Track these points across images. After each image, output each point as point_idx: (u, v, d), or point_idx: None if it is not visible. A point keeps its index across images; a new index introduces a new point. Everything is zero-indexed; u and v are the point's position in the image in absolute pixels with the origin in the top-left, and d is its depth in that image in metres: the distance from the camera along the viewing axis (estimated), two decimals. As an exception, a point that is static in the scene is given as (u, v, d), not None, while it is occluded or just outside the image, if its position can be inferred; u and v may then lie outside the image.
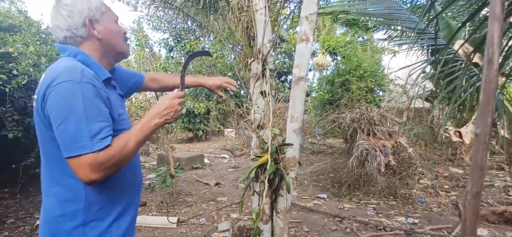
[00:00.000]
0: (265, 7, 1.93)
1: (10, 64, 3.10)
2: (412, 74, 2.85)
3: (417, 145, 5.42)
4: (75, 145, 0.84)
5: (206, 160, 7.33)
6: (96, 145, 0.85)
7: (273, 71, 2.04)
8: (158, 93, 4.06)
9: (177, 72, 6.76)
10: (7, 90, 3.06)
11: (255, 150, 2.00)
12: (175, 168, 4.56)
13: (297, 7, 5.48)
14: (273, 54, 2.08)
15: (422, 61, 2.97)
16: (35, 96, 0.94)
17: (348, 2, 4.15)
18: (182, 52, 8.78)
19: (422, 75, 3.92)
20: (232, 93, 8.48)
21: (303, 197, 4.62)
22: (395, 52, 6.08)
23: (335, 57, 10.39)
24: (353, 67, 7.30)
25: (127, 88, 1.35)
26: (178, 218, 3.55)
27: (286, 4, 4.37)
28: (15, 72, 3.12)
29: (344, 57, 8.60)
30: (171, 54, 9.62)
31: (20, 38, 3.29)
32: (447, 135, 4.21)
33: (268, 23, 1.90)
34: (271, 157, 1.82)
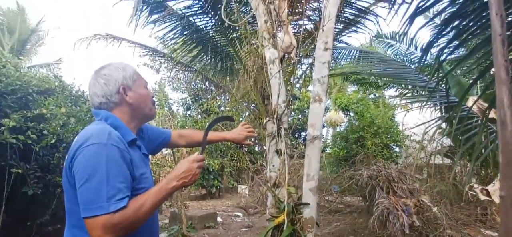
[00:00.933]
0: (279, 71, 2.06)
1: (42, 125, 3.32)
2: (428, 130, 2.85)
3: (441, 203, 5.13)
4: (93, 205, 0.88)
5: (219, 219, 7.12)
6: (112, 206, 0.88)
7: (288, 130, 2.10)
8: (175, 151, 4.17)
9: (194, 129, 6.97)
10: (37, 149, 3.23)
11: (271, 210, 1.98)
12: (187, 227, 4.46)
13: (308, 68, 5.77)
14: (287, 113, 2.17)
15: (436, 118, 2.98)
16: (66, 158, 1.01)
17: (357, 64, 4.35)
18: (199, 110, 9.15)
19: (438, 131, 3.89)
20: (245, 150, 8.54)
21: (321, 261, 4.33)
22: (408, 109, 6.11)
23: (348, 113, 10.51)
24: (366, 124, 7.32)
25: (155, 145, 1.42)
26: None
27: (298, 66, 4.62)
28: (45, 132, 3.32)
29: (357, 113, 8.67)
30: (189, 113, 10.06)
31: (53, 101, 3.57)
32: (473, 193, 4.00)
33: (282, 85, 2.02)
34: (288, 217, 1.79)
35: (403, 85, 6.52)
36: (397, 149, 7.85)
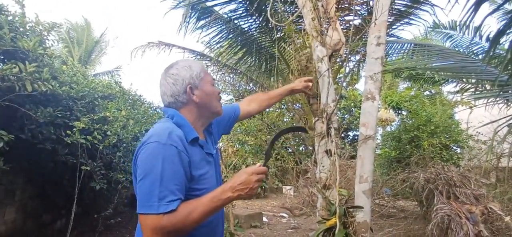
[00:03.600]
0: (328, 69, 2.00)
1: (105, 126, 3.67)
2: (499, 130, 2.53)
3: (515, 213, 4.53)
4: (145, 203, 0.90)
5: (264, 219, 7.17)
6: (162, 207, 0.89)
7: (338, 130, 2.03)
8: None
9: (240, 132, 7.13)
10: (101, 148, 3.59)
11: (321, 212, 1.92)
12: (234, 226, 4.56)
13: (355, 65, 5.53)
14: (336, 113, 2.09)
15: (508, 116, 2.64)
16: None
17: (410, 58, 4.04)
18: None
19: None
20: (290, 150, 8.47)
21: (373, 268, 4.10)
22: (472, 106, 5.50)
23: (399, 112, 9.82)
24: (422, 122, 6.76)
25: (227, 125, 1.46)
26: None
27: (345, 63, 4.45)
28: (108, 133, 3.67)
29: (410, 112, 8.07)
30: (234, 114, 10.37)
31: (115, 104, 3.94)
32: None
33: (331, 84, 1.95)
34: (340, 220, 1.73)
35: (464, 80, 5.90)
36: (458, 150, 7.12)
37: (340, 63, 4.24)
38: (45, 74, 3.14)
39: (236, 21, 4.42)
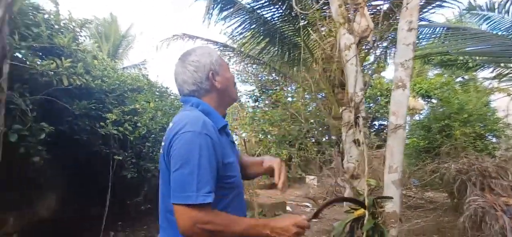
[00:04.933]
0: (356, 56, 1.95)
1: (135, 118, 3.83)
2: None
3: (557, 206, 4.23)
4: (183, 193, 0.89)
5: (288, 208, 7.21)
6: (200, 198, 0.89)
7: (365, 119, 1.99)
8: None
9: (263, 122, 7.12)
10: (131, 139, 3.75)
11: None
12: (258, 214, 4.63)
13: (382, 52, 5.33)
14: (364, 102, 2.05)
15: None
16: (163, 143, 1.04)
17: (442, 43, 3.83)
18: (266, 102, 9.34)
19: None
20: (313, 140, 8.39)
21: (401, 259, 4.02)
22: (511, 93, 5.15)
23: (429, 100, 9.38)
24: (454, 111, 6.43)
25: None
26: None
27: (371, 51, 4.31)
28: (138, 124, 3.83)
29: (441, 100, 7.68)
30: (257, 104, 10.40)
31: (143, 97, 4.09)
32: None
33: (359, 72, 1.91)
34: (368, 210, 1.71)
35: (503, 64, 5.51)
36: (494, 139, 6.72)
37: (366, 51, 4.12)
38: (80, 68, 3.31)
39: (258, 11, 4.40)
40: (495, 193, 4.03)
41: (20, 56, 3.02)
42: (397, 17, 1.93)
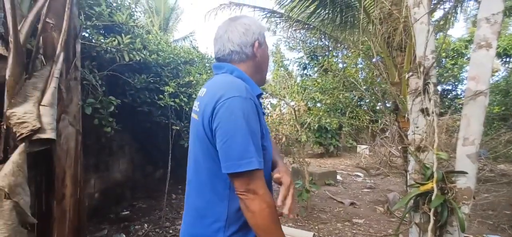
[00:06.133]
0: (428, 13, 1.71)
1: (190, 90, 4.00)
2: None
3: None
4: (243, 160, 0.85)
5: (338, 177, 7.12)
6: (261, 163, 0.88)
7: (437, 86, 1.77)
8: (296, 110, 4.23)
9: (311, 91, 6.90)
10: (186, 109, 3.95)
11: (413, 175, 1.78)
12: (309, 183, 4.64)
13: (453, 7, 4.65)
14: (436, 66, 1.82)
15: None
16: (197, 109, 1.00)
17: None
18: (315, 69, 9.00)
19: None
20: (366, 108, 7.95)
21: (465, 234, 3.74)
22: None
23: (508, 60, 8.10)
24: (541, 71, 5.48)
25: None
26: (314, 234, 3.56)
27: (439, 6, 3.79)
28: (193, 95, 4.00)
29: (524, 58, 6.59)
30: (305, 72, 10.05)
31: (196, 69, 4.23)
32: None
33: (431, 32, 1.68)
34: (437, 185, 1.57)
35: None
36: None
37: (433, 6, 3.62)
38: (138, 44, 3.51)
39: (308, -29, 4.10)
40: None
41: (86, 35, 3.30)
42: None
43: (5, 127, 1.48)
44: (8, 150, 1.45)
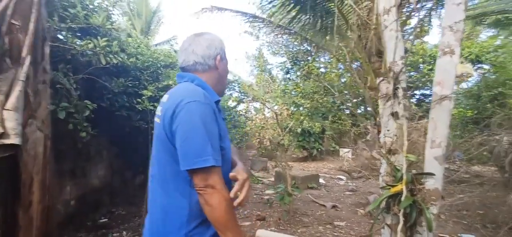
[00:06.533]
0: (396, 21, 1.77)
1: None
2: None
3: None
4: (200, 158, 0.94)
5: (321, 180, 7.19)
6: (217, 161, 0.96)
7: (406, 90, 1.83)
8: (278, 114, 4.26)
9: (295, 95, 6.96)
10: (165, 114, 3.89)
11: (385, 178, 1.82)
12: (291, 187, 4.66)
13: (426, 14, 4.83)
14: (405, 71, 1.88)
15: None
16: (159, 114, 1.08)
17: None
18: (298, 73, 9.11)
19: None
20: (348, 112, 8.10)
21: (441, 234, 3.87)
22: None
23: (480, 65, 8.49)
24: (509, 77, 5.77)
25: None
26: (296, 238, 3.58)
27: (414, 13, 3.93)
28: (172, 99, 3.95)
29: (494, 65, 6.92)
30: (288, 76, 10.16)
31: (176, 72, 4.18)
32: None
33: (400, 39, 1.74)
34: (407, 187, 1.62)
35: None
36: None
37: (407, 14, 3.75)
38: (115, 47, 3.44)
39: (288, -23, 4.15)
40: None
41: (61, 37, 3.20)
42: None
43: (-37, 132, 1.41)
44: (-33, 157, 1.39)
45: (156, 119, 1.12)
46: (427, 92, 9.36)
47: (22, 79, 1.65)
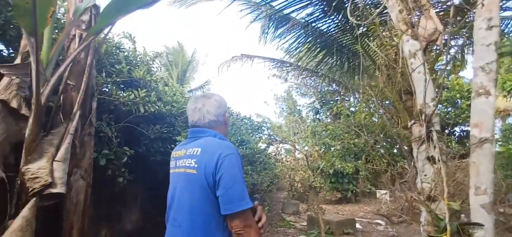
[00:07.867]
0: (423, 63, 1.75)
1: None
2: None
3: None
4: (243, 201, 1.14)
5: (358, 225, 6.73)
6: (251, 203, 1.17)
7: (441, 133, 1.75)
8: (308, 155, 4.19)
9: (325, 136, 6.87)
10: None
11: (426, 227, 1.69)
12: (326, 233, 4.42)
13: (458, 51, 4.70)
14: (438, 113, 1.81)
15: None
16: (195, 165, 1.23)
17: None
18: (328, 113, 9.03)
19: None
20: (382, 152, 7.73)
21: None
22: None
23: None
24: None
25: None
26: None
27: (443, 52, 3.84)
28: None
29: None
30: (317, 116, 10.14)
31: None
32: None
33: (429, 80, 1.70)
34: (451, 238, 1.48)
35: None
36: None
37: (437, 52, 3.68)
38: (153, 97, 3.71)
39: (313, 24, 4.34)
40: None
41: (107, 90, 3.53)
42: (473, 11, 1.69)
43: (19, 182, 1.57)
44: (20, 205, 1.53)
45: (189, 171, 1.27)
46: (468, 128, 8.75)
47: (72, 132, 1.84)
